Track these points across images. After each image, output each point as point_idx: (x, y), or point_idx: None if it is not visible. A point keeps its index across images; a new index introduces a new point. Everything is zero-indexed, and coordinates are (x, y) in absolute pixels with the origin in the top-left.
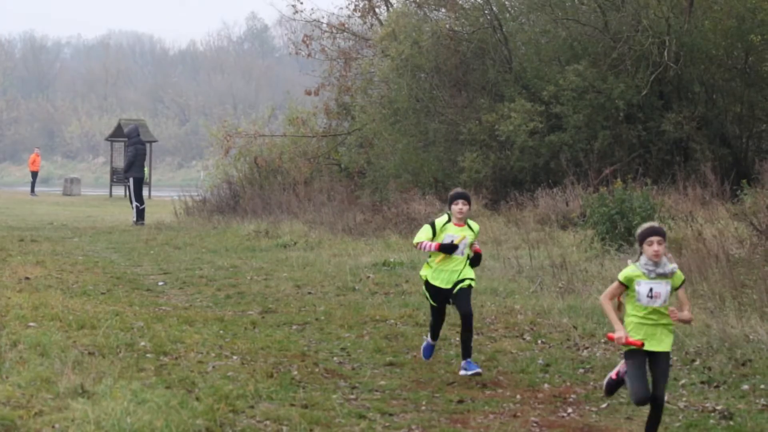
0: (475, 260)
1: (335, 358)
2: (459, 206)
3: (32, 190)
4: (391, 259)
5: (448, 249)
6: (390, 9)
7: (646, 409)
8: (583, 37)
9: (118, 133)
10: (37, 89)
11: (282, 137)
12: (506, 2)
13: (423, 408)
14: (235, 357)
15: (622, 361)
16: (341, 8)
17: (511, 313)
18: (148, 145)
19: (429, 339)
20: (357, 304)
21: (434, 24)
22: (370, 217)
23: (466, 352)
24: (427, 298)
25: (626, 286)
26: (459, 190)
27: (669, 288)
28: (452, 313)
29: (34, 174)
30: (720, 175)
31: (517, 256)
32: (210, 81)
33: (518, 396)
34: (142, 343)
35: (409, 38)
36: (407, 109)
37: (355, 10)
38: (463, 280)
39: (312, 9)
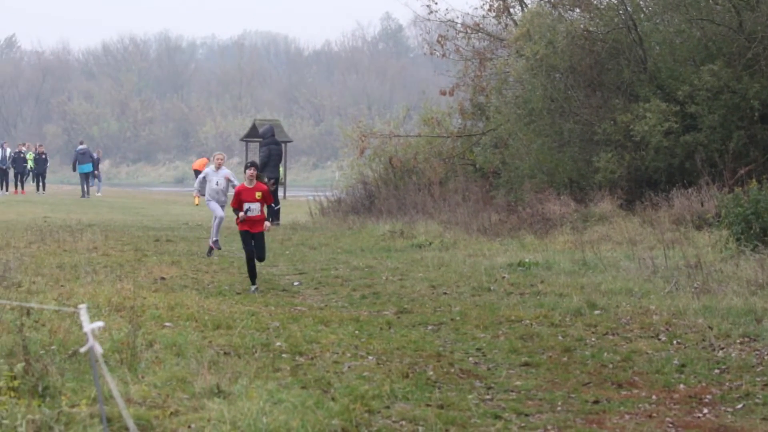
0: None
1: (470, 359)
2: None
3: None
4: (527, 260)
5: None
6: (524, 9)
7: None
8: (717, 37)
9: (252, 133)
10: (172, 89)
11: (417, 137)
12: (641, 2)
13: (558, 408)
14: (370, 357)
15: None
16: (476, 8)
17: (647, 314)
18: (283, 145)
19: None
20: (492, 305)
21: (569, 24)
22: (505, 218)
23: None
24: None
25: None
26: None
27: None
28: (588, 314)
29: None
30: None
31: (652, 257)
32: (344, 81)
33: (654, 396)
34: (278, 343)
35: (543, 38)
36: (542, 109)
37: (489, 10)
38: None
39: (446, 9)
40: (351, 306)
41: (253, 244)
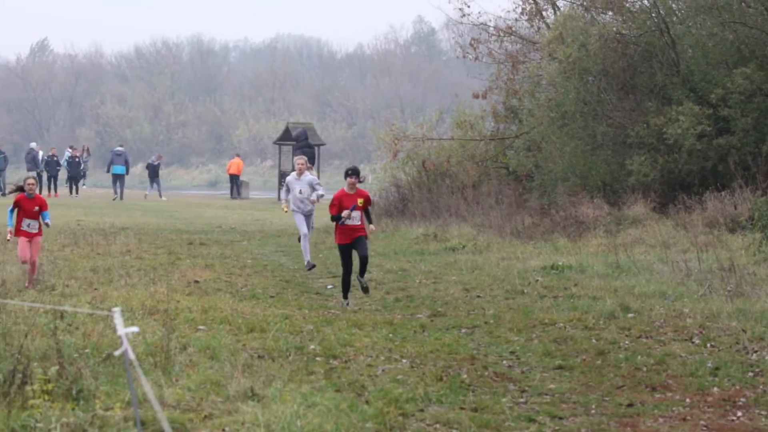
0: None
1: (504, 362)
2: None
3: (231, 193)
4: (560, 263)
5: None
6: (557, 12)
7: None
8: (750, 40)
9: (285, 136)
10: (205, 93)
11: (450, 141)
12: (673, 5)
13: (593, 411)
14: (404, 360)
15: None
16: (508, 11)
17: (680, 317)
18: (316, 148)
19: None
20: (526, 308)
21: (601, 27)
22: (538, 221)
23: None
24: None
25: None
26: None
27: None
28: (622, 317)
29: (233, 177)
30: None
31: (685, 260)
32: (377, 84)
33: (687, 399)
34: (312, 347)
35: (576, 41)
36: (575, 112)
37: (522, 13)
38: None
39: (479, 12)
40: (385, 309)
41: (355, 244)
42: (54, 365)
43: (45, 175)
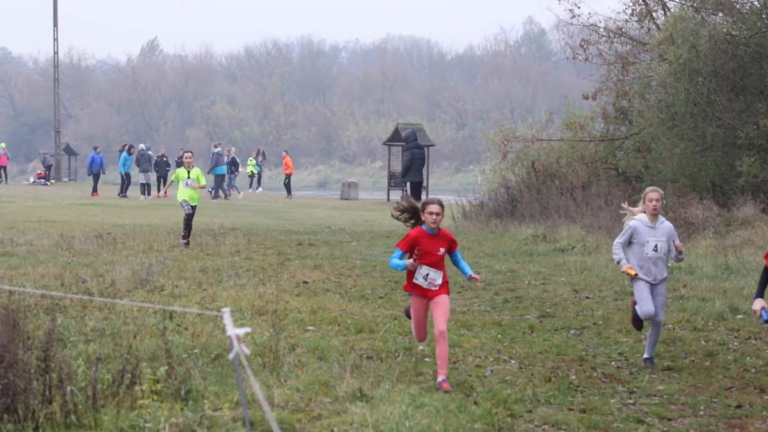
0: None
1: (613, 363)
2: None
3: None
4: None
5: None
6: (667, 13)
7: None
8: None
9: (395, 137)
10: (315, 93)
11: (559, 141)
12: None
13: (701, 413)
14: (513, 361)
15: None
16: (618, 12)
17: None
18: (425, 149)
19: None
20: None
21: (712, 28)
22: None
23: None
24: None
25: None
26: None
27: None
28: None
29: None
30: None
31: None
32: (487, 85)
33: None
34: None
35: (686, 42)
36: (685, 113)
37: (632, 14)
38: None
39: (589, 13)
40: (493, 310)
41: None
42: (163, 365)
43: (154, 176)
